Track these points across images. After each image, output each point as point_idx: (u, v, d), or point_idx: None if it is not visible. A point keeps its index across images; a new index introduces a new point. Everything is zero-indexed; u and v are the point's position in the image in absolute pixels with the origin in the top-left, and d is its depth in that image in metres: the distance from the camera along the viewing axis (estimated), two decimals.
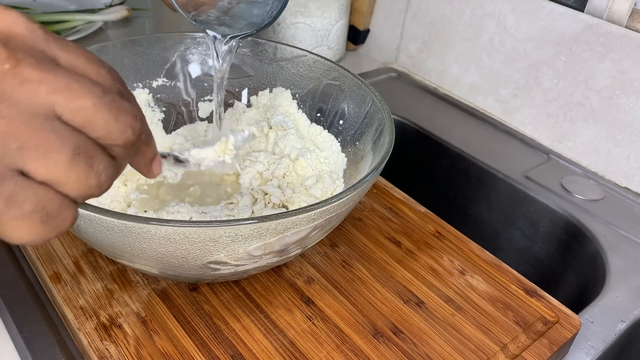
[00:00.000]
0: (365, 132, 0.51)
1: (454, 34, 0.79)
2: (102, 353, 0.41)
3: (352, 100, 0.54)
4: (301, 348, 0.42)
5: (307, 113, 0.58)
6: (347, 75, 0.54)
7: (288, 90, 0.58)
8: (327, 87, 0.56)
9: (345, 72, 0.55)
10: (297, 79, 0.58)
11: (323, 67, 0.56)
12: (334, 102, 0.56)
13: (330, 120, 0.56)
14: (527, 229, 0.69)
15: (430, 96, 0.84)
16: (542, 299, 0.48)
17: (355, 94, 0.53)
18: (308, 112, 0.58)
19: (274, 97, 0.58)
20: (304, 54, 0.57)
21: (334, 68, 0.56)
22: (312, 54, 0.57)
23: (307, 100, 0.58)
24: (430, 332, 0.44)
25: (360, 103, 0.53)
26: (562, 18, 0.66)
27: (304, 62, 0.57)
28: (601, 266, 0.58)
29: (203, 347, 0.42)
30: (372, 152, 0.49)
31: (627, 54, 0.62)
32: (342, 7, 0.86)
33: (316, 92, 0.57)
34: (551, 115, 0.71)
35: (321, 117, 0.57)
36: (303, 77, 0.57)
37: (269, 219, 0.35)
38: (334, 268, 0.49)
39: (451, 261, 0.51)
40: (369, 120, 0.51)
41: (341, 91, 0.55)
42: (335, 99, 0.56)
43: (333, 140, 0.55)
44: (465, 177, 0.74)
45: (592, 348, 0.49)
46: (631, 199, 0.66)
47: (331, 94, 0.56)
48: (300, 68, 0.57)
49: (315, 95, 0.57)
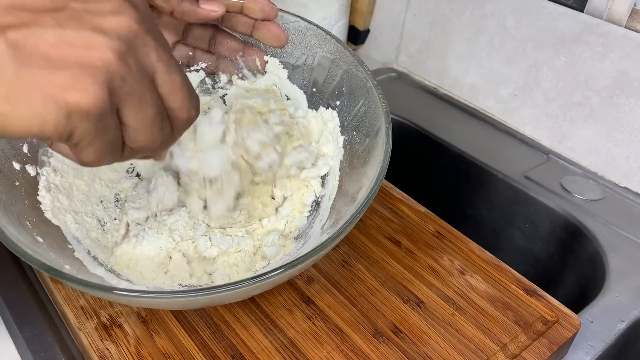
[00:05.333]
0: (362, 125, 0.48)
1: (454, 34, 0.79)
2: (102, 353, 0.41)
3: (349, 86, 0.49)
4: (301, 348, 0.42)
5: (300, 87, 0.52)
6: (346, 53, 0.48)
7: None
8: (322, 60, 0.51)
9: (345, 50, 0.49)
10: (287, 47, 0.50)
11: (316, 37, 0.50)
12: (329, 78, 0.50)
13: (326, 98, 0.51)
14: (527, 229, 0.69)
15: (430, 96, 0.84)
16: (541, 299, 0.48)
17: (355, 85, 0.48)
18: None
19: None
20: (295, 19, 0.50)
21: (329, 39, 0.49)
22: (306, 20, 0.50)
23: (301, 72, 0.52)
24: (430, 332, 0.44)
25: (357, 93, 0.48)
26: (562, 18, 0.66)
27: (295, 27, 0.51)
28: (601, 266, 0.58)
29: (203, 346, 0.42)
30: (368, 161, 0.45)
31: (627, 54, 0.62)
32: (342, 7, 0.86)
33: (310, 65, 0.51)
34: (551, 115, 0.71)
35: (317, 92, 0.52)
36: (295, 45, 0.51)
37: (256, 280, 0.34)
38: (334, 268, 0.49)
39: (451, 261, 0.51)
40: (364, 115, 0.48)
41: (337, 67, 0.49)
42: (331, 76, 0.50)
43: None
44: (465, 177, 0.74)
45: (591, 348, 0.49)
46: (631, 199, 0.66)
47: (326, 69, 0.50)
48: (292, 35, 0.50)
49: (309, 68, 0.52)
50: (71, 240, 0.43)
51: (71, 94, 0.24)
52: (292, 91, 0.52)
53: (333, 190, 0.49)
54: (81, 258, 0.42)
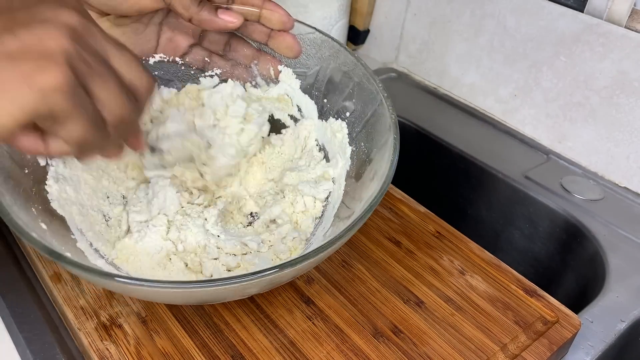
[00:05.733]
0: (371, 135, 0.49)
1: (454, 34, 0.79)
2: (102, 353, 0.41)
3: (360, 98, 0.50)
4: (301, 348, 0.42)
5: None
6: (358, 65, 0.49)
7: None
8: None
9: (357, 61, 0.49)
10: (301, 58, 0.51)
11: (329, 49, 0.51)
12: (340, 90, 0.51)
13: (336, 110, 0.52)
14: (526, 229, 0.69)
15: (430, 96, 0.84)
16: (541, 299, 0.48)
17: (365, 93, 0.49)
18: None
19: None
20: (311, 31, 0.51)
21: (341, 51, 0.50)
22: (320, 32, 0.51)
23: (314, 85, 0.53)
24: (430, 332, 0.44)
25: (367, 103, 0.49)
26: (562, 18, 0.66)
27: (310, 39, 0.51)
28: (601, 266, 0.58)
29: (203, 347, 0.42)
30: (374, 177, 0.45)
31: (627, 54, 0.62)
32: (342, 7, 0.86)
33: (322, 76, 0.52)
34: (551, 115, 0.71)
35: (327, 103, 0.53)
36: (309, 56, 0.52)
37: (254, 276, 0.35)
38: (334, 268, 0.49)
39: (451, 261, 0.51)
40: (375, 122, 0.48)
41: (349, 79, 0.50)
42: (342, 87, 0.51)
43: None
44: (465, 177, 0.74)
45: (591, 348, 0.49)
46: (631, 199, 0.66)
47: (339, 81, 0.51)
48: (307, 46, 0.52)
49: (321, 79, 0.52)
50: (74, 231, 0.44)
51: (40, 77, 0.28)
52: (303, 101, 0.53)
53: (338, 199, 0.49)
54: (83, 249, 0.43)
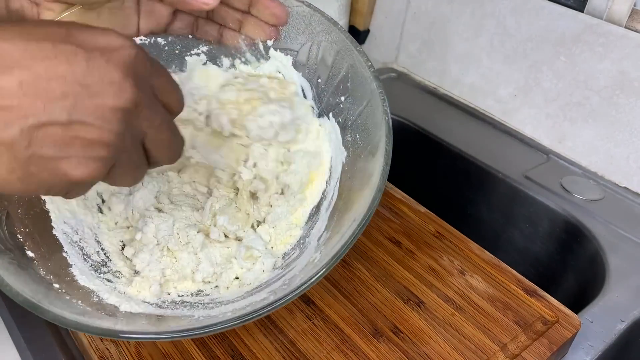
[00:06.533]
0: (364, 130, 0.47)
1: (454, 34, 0.79)
2: (102, 353, 0.41)
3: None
4: (301, 348, 0.42)
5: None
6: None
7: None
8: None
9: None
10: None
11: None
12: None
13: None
14: (526, 229, 0.69)
15: (430, 96, 0.84)
16: (541, 299, 0.48)
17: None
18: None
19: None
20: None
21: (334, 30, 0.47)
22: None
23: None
24: (430, 332, 0.44)
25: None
26: (562, 18, 0.66)
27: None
28: (601, 266, 0.58)
29: (203, 346, 0.42)
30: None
31: (627, 54, 0.62)
32: (342, 7, 0.86)
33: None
34: (551, 115, 0.71)
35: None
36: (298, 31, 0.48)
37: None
38: (334, 268, 0.49)
39: (451, 261, 0.51)
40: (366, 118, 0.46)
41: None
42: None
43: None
44: (465, 177, 0.74)
45: (591, 348, 0.49)
46: (631, 199, 0.66)
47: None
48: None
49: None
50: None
51: (74, 174, 0.29)
52: (296, 79, 0.50)
53: (332, 201, 0.47)
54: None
